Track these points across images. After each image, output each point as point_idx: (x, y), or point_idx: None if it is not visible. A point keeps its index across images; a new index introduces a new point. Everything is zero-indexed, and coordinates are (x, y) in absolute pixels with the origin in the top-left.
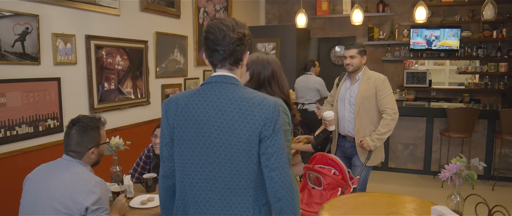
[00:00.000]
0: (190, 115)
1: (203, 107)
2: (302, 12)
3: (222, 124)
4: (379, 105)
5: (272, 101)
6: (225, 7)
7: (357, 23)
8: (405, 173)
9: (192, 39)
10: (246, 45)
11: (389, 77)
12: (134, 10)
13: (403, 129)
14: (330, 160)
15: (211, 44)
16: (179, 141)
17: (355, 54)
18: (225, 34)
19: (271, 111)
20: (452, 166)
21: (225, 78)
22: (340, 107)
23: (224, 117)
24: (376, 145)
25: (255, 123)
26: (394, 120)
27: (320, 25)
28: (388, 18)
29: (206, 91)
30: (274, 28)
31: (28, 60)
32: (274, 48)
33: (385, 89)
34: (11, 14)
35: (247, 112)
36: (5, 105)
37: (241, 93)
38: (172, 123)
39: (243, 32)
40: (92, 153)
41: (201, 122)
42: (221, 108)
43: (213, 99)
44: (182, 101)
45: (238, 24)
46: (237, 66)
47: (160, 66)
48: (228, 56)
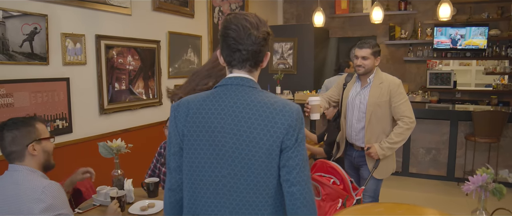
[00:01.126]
0: (202, 121)
1: (217, 113)
2: (320, 11)
3: (239, 132)
4: (394, 113)
5: (295, 107)
6: (241, 6)
7: (377, 21)
8: (427, 179)
9: (207, 39)
10: (268, 45)
11: (411, 78)
12: (146, 10)
13: (426, 133)
14: (331, 168)
15: (232, 42)
16: (189, 150)
17: (369, 54)
18: (249, 32)
19: (295, 118)
20: (477, 178)
21: (242, 80)
22: (349, 113)
23: (241, 124)
24: (385, 154)
25: (276, 131)
26: (410, 130)
27: (339, 24)
28: (410, 17)
29: (221, 94)
30: (291, 28)
31: (37, 60)
32: (291, 48)
33: (401, 95)
34: (19, 14)
35: (267, 118)
36: (12, 105)
37: (260, 98)
38: (181, 130)
39: (268, 31)
40: (34, 149)
41: (215, 129)
42: (238, 114)
43: (229, 103)
44: (194, 105)
45: (261, 21)
46: (256, 68)
47: (173, 66)
48: (250, 57)
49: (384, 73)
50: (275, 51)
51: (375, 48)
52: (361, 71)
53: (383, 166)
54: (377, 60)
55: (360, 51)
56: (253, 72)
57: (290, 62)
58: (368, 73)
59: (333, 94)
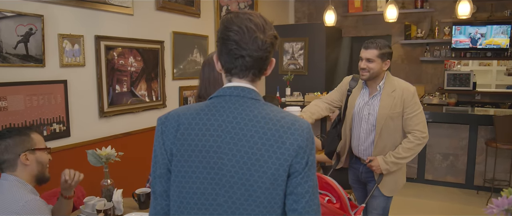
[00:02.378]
0: (195, 139)
1: (213, 129)
2: (331, 9)
3: (239, 153)
4: (405, 125)
5: (305, 125)
6: (250, 5)
7: (391, 20)
8: (444, 186)
9: (213, 39)
10: (274, 51)
11: (428, 79)
12: (149, 9)
13: (443, 137)
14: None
15: (234, 47)
16: (179, 173)
17: (374, 57)
18: (255, 35)
19: (305, 138)
20: (502, 201)
21: (244, 91)
22: (355, 125)
23: (242, 144)
24: (389, 170)
25: (284, 153)
26: (421, 145)
27: (353, 23)
28: (427, 15)
29: (218, 107)
30: (302, 27)
31: (32, 62)
32: (302, 48)
33: (415, 106)
34: (13, 15)
35: (273, 137)
36: (6, 108)
37: (265, 112)
38: (169, 149)
39: (275, 34)
40: (26, 159)
41: (210, 149)
42: (239, 131)
43: (227, 118)
44: (185, 119)
45: (267, 23)
46: (259, 77)
47: (177, 67)
48: (255, 65)
49: (395, 78)
50: (285, 51)
51: (384, 49)
52: (365, 76)
53: (390, 181)
54: (385, 63)
55: (365, 51)
56: (256, 82)
57: (301, 63)
58: (376, 79)
59: (334, 99)
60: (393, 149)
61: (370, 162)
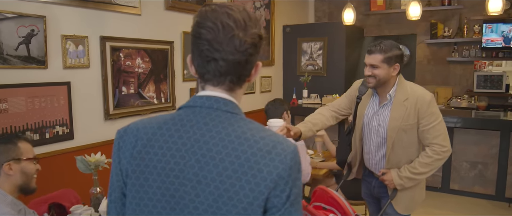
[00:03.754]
0: (153, 160)
1: (176, 148)
2: (350, 7)
3: (206, 180)
4: (423, 138)
5: (289, 149)
6: (267, 4)
7: (414, 18)
8: (471, 198)
9: None
10: (259, 53)
11: (456, 81)
12: (157, 9)
13: (471, 144)
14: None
15: (206, 48)
16: (133, 199)
17: (379, 62)
18: (232, 34)
19: (288, 166)
20: None
21: (217, 102)
22: (365, 137)
23: (209, 169)
24: (404, 185)
25: (260, 183)
26: (441, 161)
27: (375, 22)
28: (455, 12)
29: (185, 120)
30: (321, 26)
31: (34, 64)
32: (321, 48)
33: (432, 116)
34: (14, 16)
35: (248, 163)
36: (7, 111)
37: (241, 130)
38: (125, 169)
39: (259, 33)
40: (10, 168)
41: (171, 172)
42: (206, 153)
43: (194, 135)
44: (144, 134)
45: (251, 19)
46: (240, 85)
47: (187, 68)
48: (232, 70)
49: (410, 84)
50: (304, 51)
51: (390, 52)
52: (371, 83)
53: (405, 197)
54: (394, 68)
55: (368, 57)
56: (236, 91)
57: (319, 63)
58: (386, 86)
59: (342, 106)
60: (409, 163)
61: (382, 176)
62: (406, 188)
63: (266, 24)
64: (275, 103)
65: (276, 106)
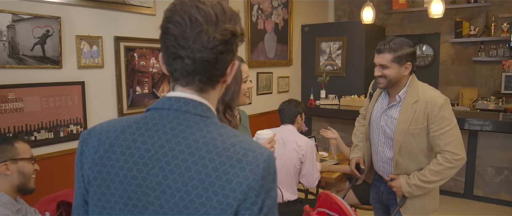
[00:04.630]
0: (115, 166)
1: (139, 155)
2: (369, 6)
3: (171, 190)
4: (434, 144)
5: (263, 157)
6: (285, 4)
7: (437, 16)
8: (496, 205)
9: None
10: (234, 52)
11: (482, 82)
12: None
13: (496, 149)
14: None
15: (172, 44)
16: (95, 208)
17: (388, 62)
18: (200, 29)
19: (260, 176)
20: None
21: (186, 104)
22: (373, 135)
23: (173, 178)
24: (412, 193)
25: (228, 195)
26: (453, 169)
27: (397, 21)
28: (482, 10)
29: (150, 124)
30: (340, 25)
31: (49, 64)
32: (340, 48)
33: (444, 121)
34: (30, 17)
35: (216, 173)
36: (22, 110)
37: (210, 136)
38: (87, 175)
39: (233, 29)
40: (7, 169)
41: (134, 180)
42: (171, 161)
43: (159, 141)
44: (107, 137)
45: (226, 13)
46: (213, 86)
47: None
48: (199, 69)
49: (423, 85)
50: (322, 51)
51: (401, 51)
52: (382, 84)
53: (415, 205)
54: (405, 67)
55: (377, 57)
56: (208, 92)
57: (338, 63)
58: (397, 87)
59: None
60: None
61: (391, 182)
62: (415, 196)
63: (284, 23)
64: (290, 103)
65: (291, 107)
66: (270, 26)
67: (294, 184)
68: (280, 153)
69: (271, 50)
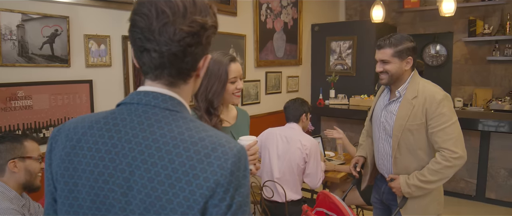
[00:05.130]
0: (82, 163)
1: (105, 150)
2: (379, 4)
3: (137, 187)
4: (433, 142)
5: (233, 151)
6: (294, 3)
7: (448, 14)
8: (510, 208)
9: (252, 38)
10: (206, 45)
11: (497, 82)
12: None
13: (510, 151)
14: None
15: (139, 36)
16: (63, 206)
17: (389, 57)
18: (166, 21)
19: (228, 171)
20: None
21: (155, 98)
22: (374, 132)
23: (140, 174)
24: (412, 194)
25: (194, 191)
26: (452, 168)
27: (409, 20)
28: (497, 8)
29: (118, 119)
30: (350, 25)
31: (57, 62)
32: (350, 47)
33: (442, 117)
34: (39, 17)
35: (182, 168)
36: (31, 107)
37: (178, 130)
38: (55, 172)
39: (203, 21)
40: (15, 166)
41: (100, 177)
42: (138, 156)
43: (126, 136)
44: (75, 133)
45: (196, 5)
46: (185, 80)
47: None
48: (167, 62)
49: (423, 81)
50: (332, 50)
51: (401, 45)
52: (384, 80)
53: (417, 206)
54: (406, 62)
55: (378, 52)
56: (180, 86)
57: (348, 63)
58: (398, 82)
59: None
60: (419, 169)
61: (390, 182)
62: (417, 197)
63: (293, 23)
64: (296, 102)
65: (296, 106)
66: (279, 25)
67: (297, 184)
68: (284, 152)
69: (280, 50)
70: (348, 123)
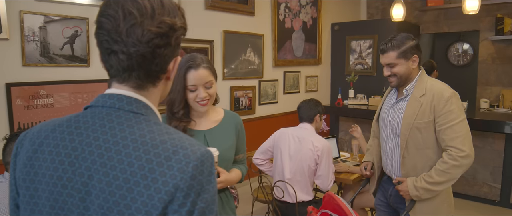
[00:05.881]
0: (42, 167)
1: (65, 154)
2: (400, 3)
3: (95, 191)
4: (440, 140)
5: (195, 155)
6: (314, 2)
7: (472, 12)
8: None
9: (270, 38)
10: (175, 46)
11: None
12: (197, 9)
13: None
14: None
15: (105, 39)
16: (25, 211)
17: (394, 59)
18: (134, 22)
19: (189, 175)
20: None
21: (120, 101)
22: (382, 132)
23: (98, 178)
24: (420, 197)
25: (153, 196)
26: (459, 168)
27: (433, 18)
28: None
29: (81, 122)
30: (371, 24)
31: (77, 62)
32: (371, 46)
33: (450, 115)
34: (60, 18)
35: (141, 171)
36: (52, 105)
37: (140, 133)
38: (19, 178)
39: (171, 22)
40: None
41: (59, 182)
42: (97, 159)
43: (87, 139)
44: (37, 137)
45: (164, 6)
46: (153, 83)
47: (228, 67)
48: (135, 65)
49: (431, 80)
50: (353, 50)
51: (404, 45)
52: (393, 82)
53: (426, 209)
54: (412, 60)
55: (382, 57)
56: (148, 89)
57: (369, 62)
58: (407, 81)
59: None
60: (427, 170)
61: (398, 185)
62: (425, 200)
63: (313, 22)
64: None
65: (311, 106)
66: (298, 24)
67: (309, 185)
68: (296, 152)
69: (299, 49)
70: (366, 124)
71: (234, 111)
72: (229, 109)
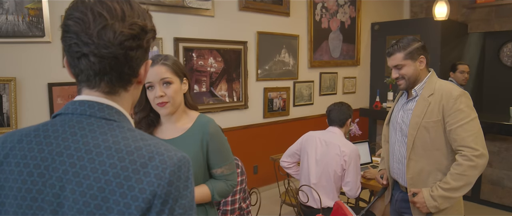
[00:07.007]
0: (9, 179)
1: (34, 164)
2: (443, 1)
3: (68, 202)
4: (451, 141)
5: (172, 159)
6: (352, 1)
7: None
8: None
9: (306, 38)
10: (146, 49)
11: None
12: (231, 10)
13: None
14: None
15: (74, 42)
16: None
17: (401, 60)
18: (105, 24)
19: (166, 181)
20: None
21: (91, 107)
22: (392, 135)
23: (71, 188)
24: (439, 207)
25: (129, 204)
26: (476, 168)
27: (483, 16)
28: None
29: (50, 131)
30: (413, 23)
31: None
32: None
33: (460, 114)
34: None
35: (117, 179)
36: None
37: (113, 140)
38: None
39: (143, 24)
40: None
41: (28, 193)
42: (69, 169)
43: (57, 148)
44: (2, 149)
45: (133, 9)
46: (125, 87)
47: (262, 68)
48: (107, 68)
49: (440, 81)
50: None
51: (410, 47)
52: (402, 85)
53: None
54: (419, 61)
55: (389, 59)
56: (120, 94)
57: None
58: (416, 83)
59: None
60: (436, 172)
61: (413, 197)
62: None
63: (351, 22)
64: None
65: (344, 109)
66: (335, 24)
67: (334, 190)
68: (322, 156)
69: (336, 50)
70: None
71: (268, 112)
72: (262, 110)
